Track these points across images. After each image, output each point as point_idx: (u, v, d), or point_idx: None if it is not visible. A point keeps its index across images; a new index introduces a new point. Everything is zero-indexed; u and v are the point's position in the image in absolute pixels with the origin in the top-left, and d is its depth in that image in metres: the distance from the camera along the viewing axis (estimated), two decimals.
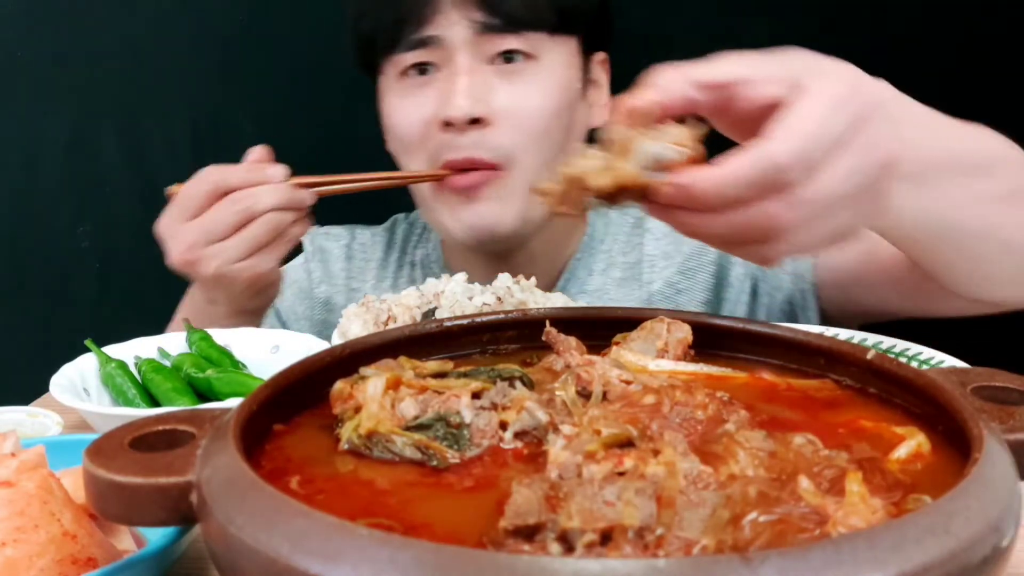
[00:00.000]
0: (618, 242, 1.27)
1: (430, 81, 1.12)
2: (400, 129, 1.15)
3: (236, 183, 1.02)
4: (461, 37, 1.10)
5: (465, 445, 0.53)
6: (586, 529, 0.41)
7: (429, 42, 1.11)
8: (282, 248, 1.05)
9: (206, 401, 0.87)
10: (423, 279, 1.27)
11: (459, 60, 1.10)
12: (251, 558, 0.41)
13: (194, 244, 1.02)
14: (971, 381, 0.57)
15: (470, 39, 1.10)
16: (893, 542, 0.38)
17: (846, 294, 1.16)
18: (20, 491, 0.54)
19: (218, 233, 1.01)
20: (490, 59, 1.11)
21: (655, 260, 1.24)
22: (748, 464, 0.49)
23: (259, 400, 0.54)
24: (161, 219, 1.05)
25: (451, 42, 1.10)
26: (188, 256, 1.02)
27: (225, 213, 1.01)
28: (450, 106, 1.08)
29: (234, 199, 1.01)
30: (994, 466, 0.45)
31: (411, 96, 1.13)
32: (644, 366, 0.63)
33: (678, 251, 1.23)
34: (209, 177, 1.03)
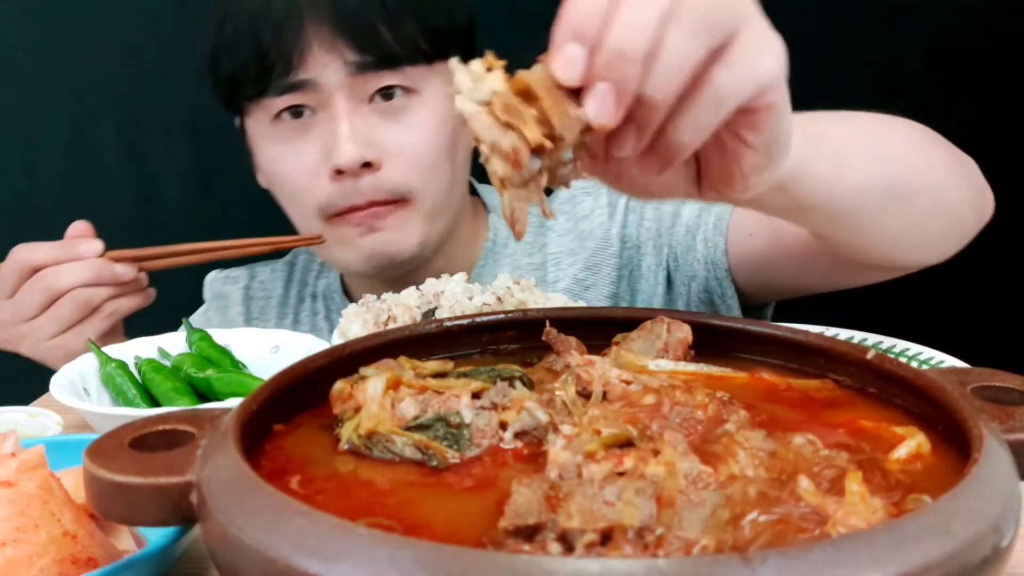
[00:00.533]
0: (521, 244, 1.26)
1: (308, 125, 1.09)
2: (286, 179, 1.12)
3: (41, 261, 1.03)
4: (336, 79, 1.06)
5: (465, 445, 0.53)
6: (586, 529, 0.41)
7: (302, 86, 1.07)
8: (98, 324, 1.05)
9: (206, 401, 0.87)
10: (326, 311, 1.28)
11: (337, 103, 1.06)
12: (251, 558, 0.41)
13: (6, 323, 1.05)
14: (971, 381, 0.57)
15: (345, 80, 1.06)
16: (893, 542, 0.38)
17: (762, 276, 1.14)
18: (20, 491, 0.54)
19: (27, 313, 1.03)
20: (368, 98, 1.08)
21: (560, 258, 1.23)
22: (748, 464, 0.49)
23: (259, 400, 0.54)
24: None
25: (326, 85, 1.06)
26: (3, 335, 1.06)
27: (30, 292, 1.03)
28: (338, 154, 1.05)
29: (36, 278, 1.03)
30: (994, 466, 0.45)
31: (290, 143, 1.10)
32: (644, 366, 0.63)
33: (582, 247, 1.22)
34: (17, 255, 1.05)
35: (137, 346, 0.95)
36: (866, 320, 1.19)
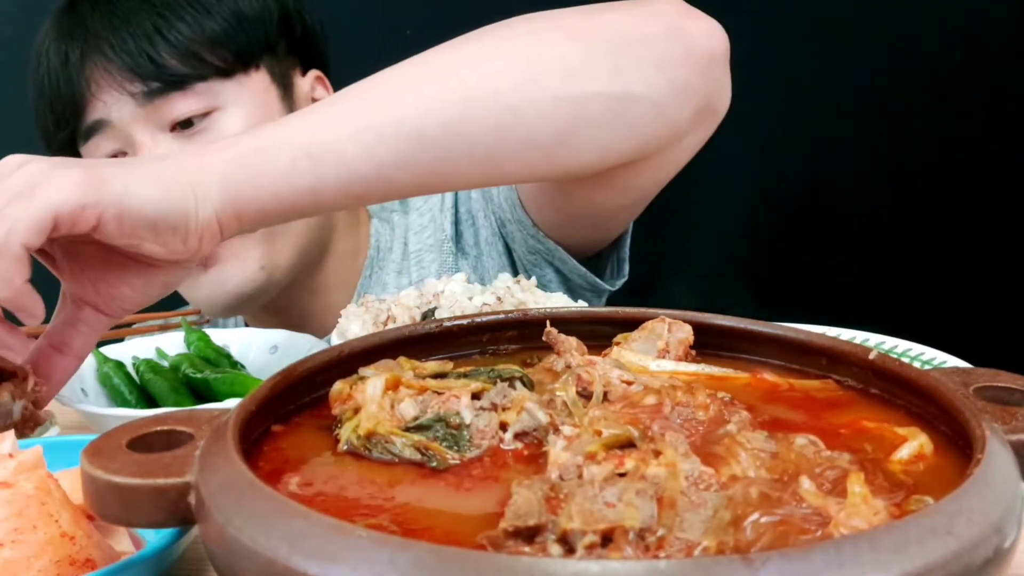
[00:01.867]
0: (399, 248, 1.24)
1: None
2: None
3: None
4: (128, 113, 1.04)
5: (465, 446, 0.53)
6: (587, 530, 0.41)
7: (98, 128, 1.04)
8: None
9: (204, 402, 0.87)
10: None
11: (137, 138, 1.04)
12: (250, 559, 0.41)
13: None
14: (974, 381, 0.57)
15: (137, 113, 1.04)
16: (895, 543, 0.38)
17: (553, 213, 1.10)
18: (18, 492, 0.54)
19: None
20: (171, 126, 1.05)
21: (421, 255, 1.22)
22: (750, 465, 0.48)
23: (258, 401, 0.54)
24: None
25: (119, 121, 1.04)
26: None
27: None
28: None
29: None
30: (997, 467, 0.44)
31: None
32: (645, 366, 0.63)
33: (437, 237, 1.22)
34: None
35: (135, 346, 0.95)
36: (868, 320, 1.19)
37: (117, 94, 1.04)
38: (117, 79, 1.03)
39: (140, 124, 1.04)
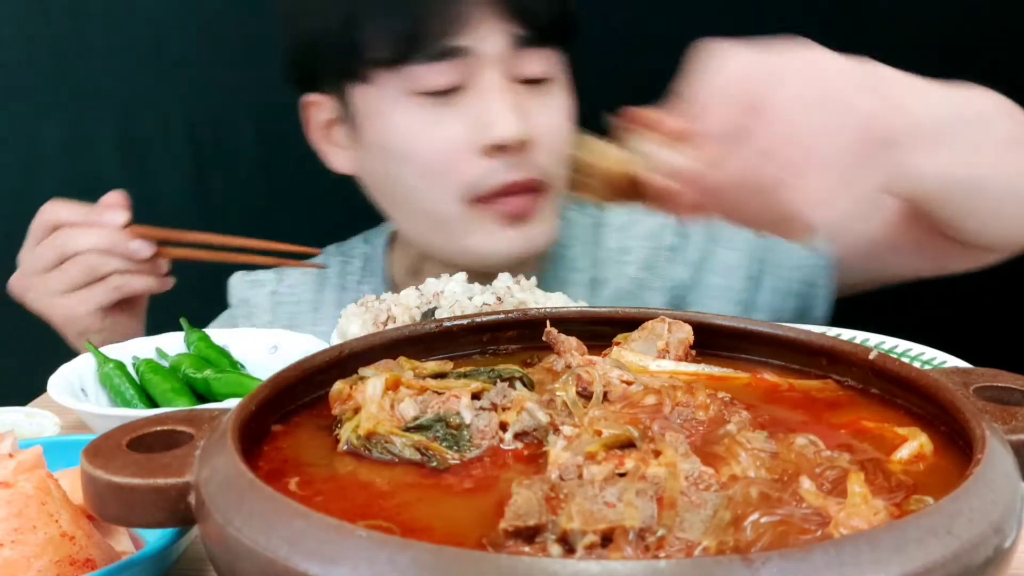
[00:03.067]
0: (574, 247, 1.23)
1: (452, 100, 1.02)
2: (425, 156, 1.03)
3: (63, 220, 1.04)
4: (494, 51, 1.00)
5: (465, 446, 0.53)
6: (587, 530, 0.41)
7: (456, 53, 0.99)
8: (102, 294, 1.04)
9: (204, 401, 0.87)
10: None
11: (491, 77, 1.01)
12: (250, 559, 0.41)
13: (23, 272, 1.06)
14: (973, 381, 0.57)
15: (502, 54, 1.00)
16: (895, 543, 0.38)
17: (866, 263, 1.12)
18: (18, 492, 0.54)
19: (39, 266, 1.04)
20: (516, 79, 1.02)
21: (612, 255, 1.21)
22: (750, 465, 0.49)
23: (258, 401, 0.54)
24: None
25: (482, 56, 1.00)
26: (14, 284, 1.07)
27: (47, 248, 1.03)
28: (501, 127, 1.00)
29: (55, 235, 1.03)
30: (996, 467, 0.45)
31: (432, 117, 1.02)
32: (645, 366, 0.63)
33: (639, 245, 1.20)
34: (44, 209, 1.06)
35: (135, 346, 0.95)
36: (868, 320, 1.19)
37: (489, 29, 1.00)
38: (497, 15, 1.00)
39: (499, 66, 1.01)
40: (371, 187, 1.13)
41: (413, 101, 1.02)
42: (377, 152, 1.08)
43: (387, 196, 1.11)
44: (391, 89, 1.03)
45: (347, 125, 1.10)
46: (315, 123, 1.14)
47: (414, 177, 1.06)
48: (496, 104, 1.00)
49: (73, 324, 1.05)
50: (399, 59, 1.01)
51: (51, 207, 1.05)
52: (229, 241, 1.09)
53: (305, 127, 1.15)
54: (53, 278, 1.03)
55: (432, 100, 1.02)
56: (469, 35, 0.99)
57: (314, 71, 1.10)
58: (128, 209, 1.05)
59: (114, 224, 1.03)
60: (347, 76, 1.06)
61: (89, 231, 1.03)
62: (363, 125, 1.07)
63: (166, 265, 1.08)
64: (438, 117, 1.02)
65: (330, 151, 1.14)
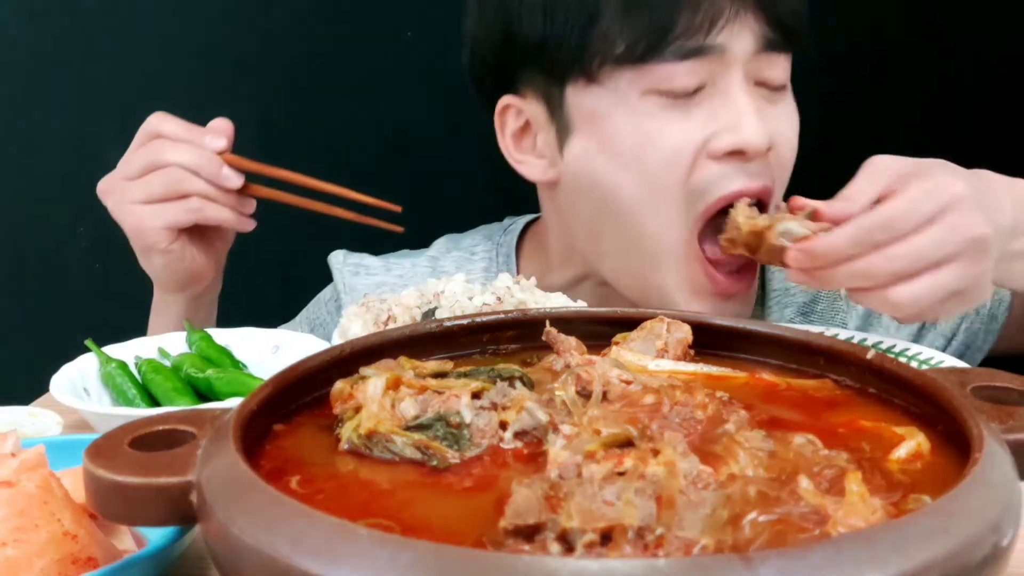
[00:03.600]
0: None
1: (693, 103, 0.94)
2: (658, 161, 0.94)
3: (163, 131, 1.02)
4: (743, 51, 0.94)
5: (465, 445, 0.53)
6: (586, 529, 0.41)
7: (709, 51, 0.92)
8: (177, 213, 1.01)
9: (206, 401, 0.87)
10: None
11: (736, 78, 0.94)
12: (251, 558, 0.41)
13: (112, 176, 1.04)
14: (971, 381, 0.57)
15: (750, 55, 0.94)
16: (893, 542, 0.38)
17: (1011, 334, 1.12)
18: (20, 491, 0.54)
19: (128, 171, 1.02)
20: (755, 83, 0.96)
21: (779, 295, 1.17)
22: (748, 464, 0.49)
23: (259, 400, 0.54)
24: None
25: (733, 55, 0.93)
26: (103, 185, 1.05)
27: (139, 155, 1.02)
28: (744, 132, 0.92)
29: (150, 144, 1.02)
30: (994, 466, 0.45)
31: (668, 118, 0.94)
32: (644, 366, 0.63)
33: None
34: (150, 120, 1.03)
35: (137, 346, 0.95)
36: None
37: (740, 27, 0.93)
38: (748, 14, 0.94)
39: (743, 67, 0.95)
40: (569, 201, 1.04)
41: (649, 101, 0.94)
42: (594, 161, 0.98)
43: (596, 214, 1.01)
44: (625, 89, 0.95)
45: (553, 131, 1.01)
46: (509, 130, 1.05)
47: (637, 187, 0.96)
48: (742, 106, 0.93)
49: (142, 237, 1.03)
50: (645, 56, 0.93)
51: (157, 118, 1.03)
52: (318, 185, 1.04)
53: (499, 132, 1.06)
54: (135, 185, 1.01)
55: (671, 101, 0.94)
56: (722, 33, 0.92)
57: (517, 71, 1.02)
58: (230, 138, 1.03)
59: (211, 147, 1.01)
60: (568, 76, 0.98)
61: (183, 147, 1.00)
62: (580, 130, 0.99)
63: (251, 205, 1.05)
64: (673, 119, 0.94)
65: (524, 160, 1.05)
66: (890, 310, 0.83)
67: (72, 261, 1.99)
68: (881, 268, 0.79)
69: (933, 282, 0.80)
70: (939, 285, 0.80)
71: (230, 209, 1.03)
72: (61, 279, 2.00)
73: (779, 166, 0.97)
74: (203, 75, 1.91)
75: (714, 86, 0.94)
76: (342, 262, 1.23)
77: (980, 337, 1.12)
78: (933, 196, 0.79)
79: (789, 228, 0.84)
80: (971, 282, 0.81)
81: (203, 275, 1.09)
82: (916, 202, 0.79)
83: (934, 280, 0.80)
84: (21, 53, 1.91)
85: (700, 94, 0.94)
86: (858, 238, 0.79)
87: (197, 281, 1.10)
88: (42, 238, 1.99)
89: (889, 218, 0.79)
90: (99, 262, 1.98)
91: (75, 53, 1.90)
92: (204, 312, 1.15)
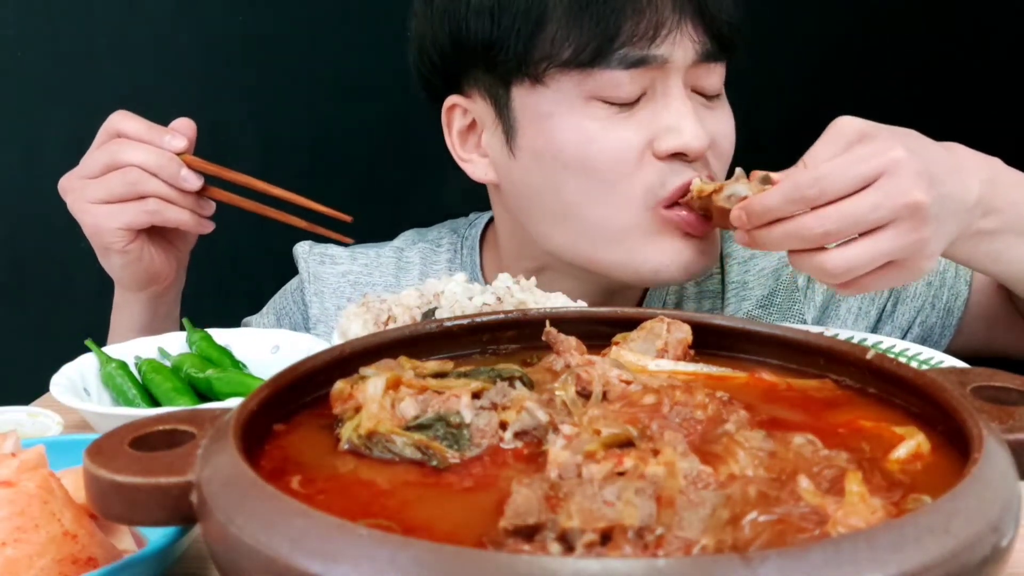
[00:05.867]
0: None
1: (635, 107, 0.98)
2: (603, 161, 0.98)
3: (123, 130, 1.02)
4: (683, 60, 0.97)
5: (465, 445, 0.53)
6: (586, 529, 0.41)
7: (650, 61, 0.95)
8: (134, 214, 1.01)
9: (206, 401, 0.87)
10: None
11: (675, 85, 0.98)
12: (251, 558, 0.41)
13: (73, 174, 1.04)
14: (971, 381, 0.57)
15: (690, 64, 0.98)
16: (893, 542, 0.38)
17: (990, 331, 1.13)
18: (20, 491, 0.54)
19: (88, 170, 1.02)
20: (692, 90, 1.00)
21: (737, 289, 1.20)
22: (748, 464, 0.49)
23: (259, 400, 0.54)
24: None
25: (674, 64, 0.97)
26: (64, 183, 1.05)
27: (99, 154, 1.02)
28: (685, 135, 0.96)
29: (110, 144, 1.02)
30: (994, 466, 0.45)
31: (610, 122, 0.98)
32: (644, 366, 0.63)
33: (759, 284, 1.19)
34: (112, 118, 1.04)
35: (137, 346, 0.95)
36: None
37: (681, 37, 0.97)
38: (688, 25, 0.97)
39: (682, 75, 0.98)
40: (516, 198, 1.06)
41: (593, 106, 0.98)
42: (539, 159, 1.01)
43: (543, 208, 1.04)
44: (569, 91, 0.98)
45: (499, 130, 1.04)
46: (456, 128, 1.08)
47: (586, 185, 0.99)
48: (683, 111, 0.97)
49: (99, 236, 1.04)
50: (591, 62, 0.96)
51: (119, 116, 1.03)
52: (272, 190, 1.05)
53: (446, 131, 1.09)
54: (94, 185, 1.02)
55: (615, 108, 0.98)
56: (664, 42, 0.96)
57: (464, 71, 1.05)
58: (191, 140, 1.04)
59: (170, 147, 1.02)
60: (514, 77, 1.00)
61: (143, 147, 1.01)
62: (524, 130, 1.01)
63: (211, 207, 1.06)
64: (616, 123, 0.98)
65: (469, 159, 1.08)
66: (826, 277, 0.83)
67: (72, 261, 1.99)
68: (812, 228, 0.80)
69: (868, 248, 0.80)
70: (874, 252, 0.81)
71: (188, 211, 1.04)
72: (61, 279, 2.00)
73: (717, 161, 1.02)
74: (203, 75, 1.91)
75: (654, 91, 0.98)
76: (308, 252, 1.25)
77: (936, 332, 1.13)
78: (869, 159, 0.80)
79: (735, 190, 0.88)
80: (909, 251, 0.81)
81: (162, 275, 1.10)
82: (851, 163, 0.80)
83: (869, 246, 0.80)
84: (22, 54, 1.91)
85: (641, 100, 0.98)
86: (790, 194, 0.81)
87: (156, 281, 1.10)
88: (42, 238, 1.98)
89: (820, 176, 0.80)
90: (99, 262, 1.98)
91: (75, 53, 1.90)
92: (165, 310, 1.15)
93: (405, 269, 1.22)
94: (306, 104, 1.91)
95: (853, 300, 1.14)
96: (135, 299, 1.12)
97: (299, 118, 1.90)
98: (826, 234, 0.80)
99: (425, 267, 1.22)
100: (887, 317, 1.15)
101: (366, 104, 1.92)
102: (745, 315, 1.15)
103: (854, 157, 0.80)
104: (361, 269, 1.23)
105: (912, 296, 1.14)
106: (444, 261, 1.22)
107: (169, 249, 1.09)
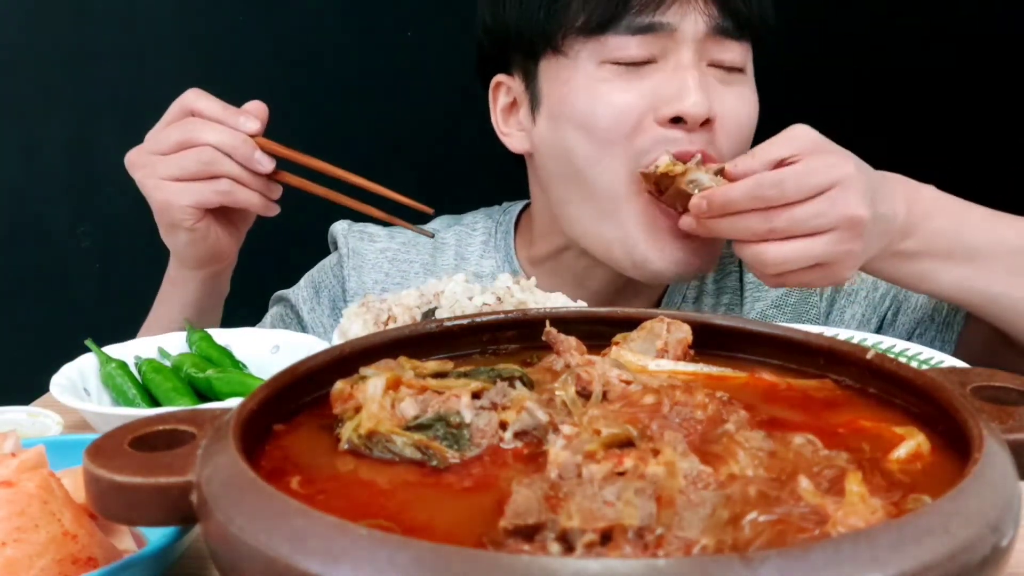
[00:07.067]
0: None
1: (644, 73, 1.02)
2: (605, 120, 1.02)
3: (198, 109, 1.02)
4: (693, 31, 1.01)
5: (465, 445, 0.53)
6: (586, 529, 0.41)
7: (658, 28, 1.01)
8: (206, 193, 1.02)
9: (206, 401, 0.87)
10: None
11: (686, 55, 1.02)
12: (251, 558, 0.41)
13: (142, 148, 1.04)
14: (971, 381, 0.57)
15: (700, 36, 1.02)
16: (893, 542, 0.38)
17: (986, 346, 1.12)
18: (20, 491, 0.54)
19: (160, 146, 1.02)
20: (709, 63, 1.04)
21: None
22: (748, 464, 0.49)
23: (259, 400, 0.54)
24: None
25: (683, 34, 1.01)
26: (131, 157, 1.05)
27: (172, 130, 1.02)
28: (689, 101, 0.99)
29: (184, 121, 1.02)
30: (994, 466, 0.45)
31: (618, 84, 1.02)
32: (644, 366, 0.63)
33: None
34: (186, 95, 1.04)
35: (137, 346, 0.95)
36: None
37: (692, 8, 1.02)
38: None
39: (694, 46, 1.02)
40: (542, 166, 1.12)
41: (605, 70, 1.03)
42: (556, 122, 1.07)
43: (560, 174, 1.09)
44: (583, 59, 1.04)
45: (527, 103, 1.11)
46: (500, 105, 1.16)
47: (589, 146, 1.04)
48: (688, 80, 1.00)
49: (168, 213, 1.03)
50: (602, 27, 1.02)
51: (194, 94, 1.03)
52: (350, 178, 1.06)
53: (492, 108, 1.16)
54: (166, 161, 1.02)
55: (623, 69, 1.03)
56: (671, 11, 1.01)
57: (507, 51, 1.12)
58: (263, 122, 1.04)
59: (244, 129, 1.02)
60: (541, 51, 1.07)
61: (218, 127, 1.01)
62: (547, 98, 1.08)
63: (278, 190, 1.07)
64: (622, 85, 1.02)
65: (509, 132, 1.15)
66: (759, 266, 0.92)
67: (72, 261, 1.99)
68: (760, 224, 0.89)
69: (804, 249, 0.89)
70: (807, 252, 0.89)
71: (258, 194, 1.04)
72: (61, 279, 2.00)
73: (726, 139, 1.04)
74: (203, 75, 1.91)
75: (665, 60, 1.03)
76: (347, 229, 1.29)
77: (936, 347, 1.13)
78: (827, 172, 0.88)
79: (698, 178, 0.95)
80: (837, 258, 0.90)
81: (224, 254, 1.11)
82: (810, 171, 0.88)
83: (805, 247, 0.89)
84: (22, 54, 1.91)
85: (652, 66, 1.03)
86: (752, 192, 0.89)
87: (218, 259, 1.11)
88: (42, 238, 1.99)
89: (782, 179, 0.88)
90: (99, 262, 1.99)
91: (75, 53, 1.90)
92: (219, 288, 1.17)
93: (441, 250, 1.26)
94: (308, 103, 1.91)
95: (857, 307, 1.17)
96: (192, 276, 1.13)
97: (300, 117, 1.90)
98: (771, 231, 0.89)
99: (460, 248, 1.26)
100: (887, 326, 1.17)
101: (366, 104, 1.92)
102: (759, 314, 1.19)
103: (812, 167, 0.88)
104: (399, 247, 1.27)
105: (914, 308, 1.15)
106: (479, 243, 1.26)
107: (232, 229, 1.10)
